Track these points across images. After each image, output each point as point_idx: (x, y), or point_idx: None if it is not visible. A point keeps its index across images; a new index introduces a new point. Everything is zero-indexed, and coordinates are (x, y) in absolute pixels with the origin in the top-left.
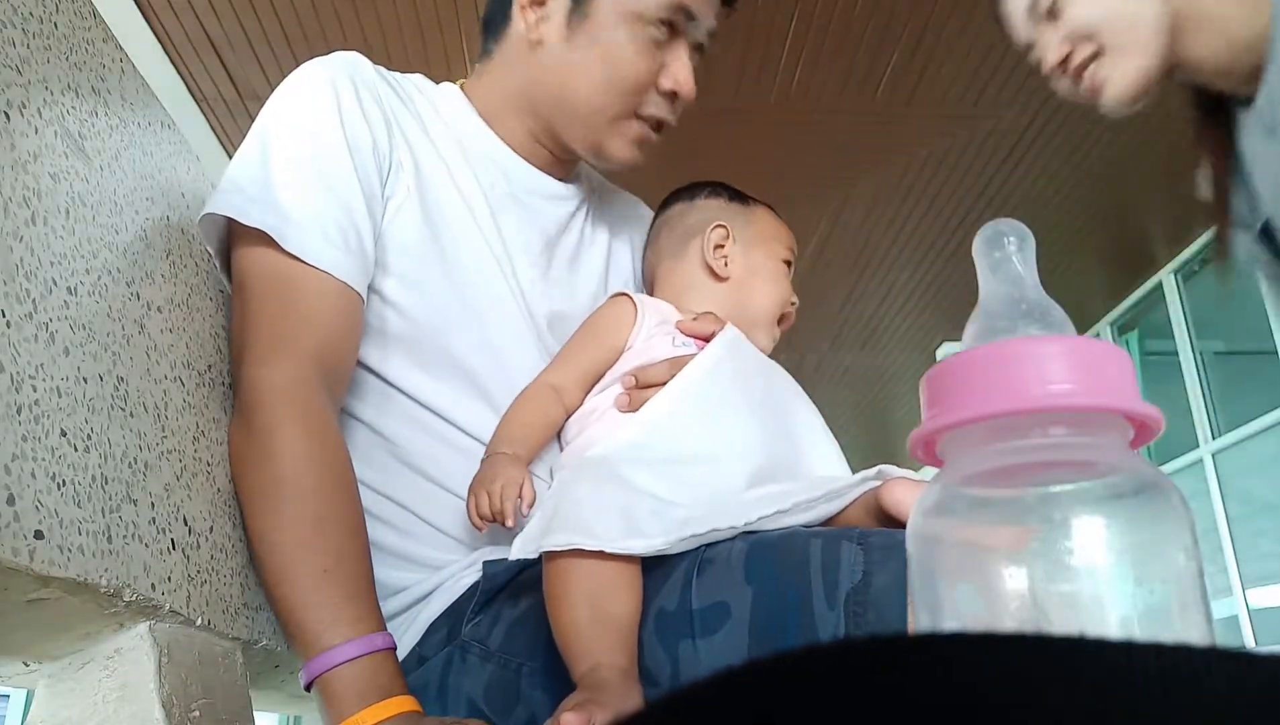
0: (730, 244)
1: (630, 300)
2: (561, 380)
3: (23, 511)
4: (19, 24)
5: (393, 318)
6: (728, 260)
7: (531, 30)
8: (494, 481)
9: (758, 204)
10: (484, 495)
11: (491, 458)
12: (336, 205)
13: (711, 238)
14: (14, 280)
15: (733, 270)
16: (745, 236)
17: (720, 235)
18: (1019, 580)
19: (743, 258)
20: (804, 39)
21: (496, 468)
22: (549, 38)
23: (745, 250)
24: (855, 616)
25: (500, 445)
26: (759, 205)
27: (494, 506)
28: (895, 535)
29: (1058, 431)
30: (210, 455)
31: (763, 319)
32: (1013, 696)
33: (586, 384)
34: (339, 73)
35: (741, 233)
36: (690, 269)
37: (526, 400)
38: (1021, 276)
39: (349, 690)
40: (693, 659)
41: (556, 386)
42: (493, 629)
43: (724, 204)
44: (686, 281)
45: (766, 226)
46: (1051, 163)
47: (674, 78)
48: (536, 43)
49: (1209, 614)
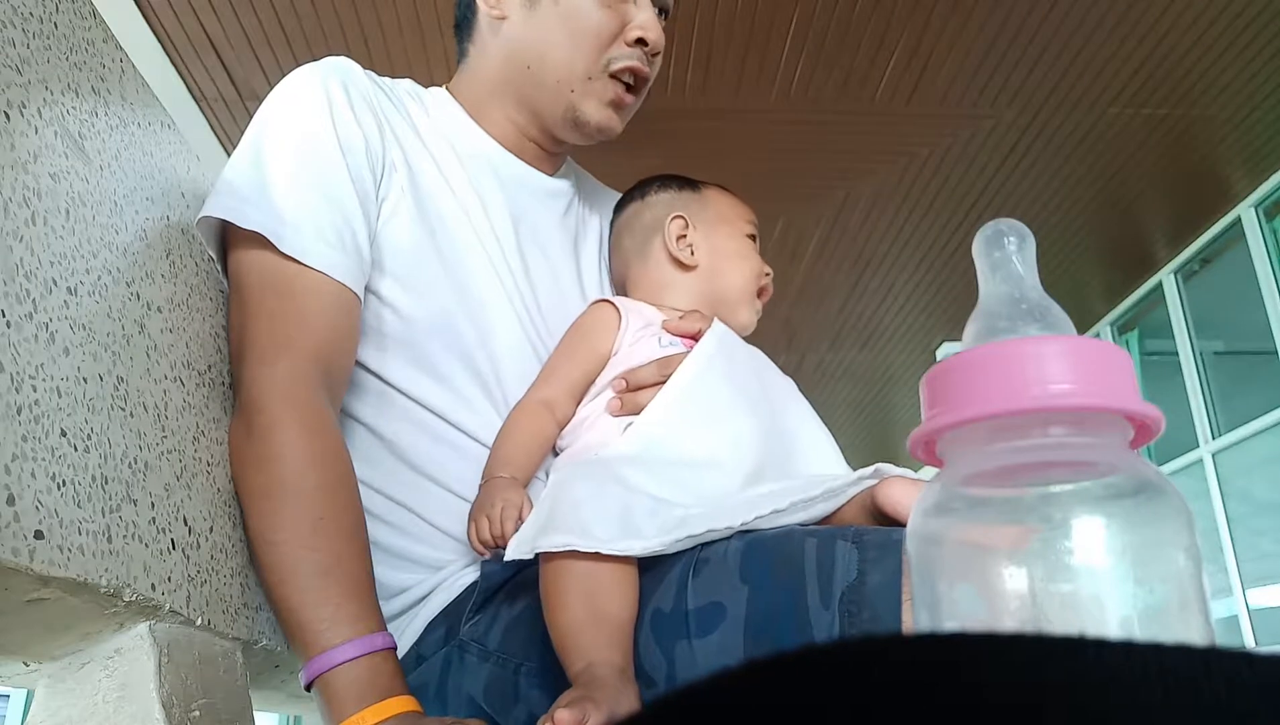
0: (691, 231)
1: (611, 305)
2: (551, 395)
3: (23, 511)
4: (19, 24)
5: (390, 318)
6: (692, 248)
7: (494, 7)
8: (494, 506)
9: (709, 186)
10: (484, 520)
11: (489, 482)
12: (331, 207)
13: (672, 230)
14: (14, 280)
15: (699, 257)
16: (704, 221)
17: (679, 226)
18: (1019, 580)
19: (706, 242)
20: (804, 39)
21: (495, 492)
22: (510, 10)
23: (707, 234)
24: (850, 616)
25: (497, 468)
26: (710, 187)
27: (494, 531)
28: (891, 534)
29: (1058, 431)
30: (210, 455)
31: (741, 297)
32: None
33: (577, 395)
34: (330, 76)
35: (699, 218)
36: (658, 266)
37: (519, 420)
38: (1021, 276)
39: (349, 690)
40: (689, 659)
41: (547, 402)
42: (491, 628)
43: (676, 194)
44: (658, 280)
45: (723, 206)
46: (1051, 163)
47: (640, 25)
48: (500, 19)
49: (1209, 614)
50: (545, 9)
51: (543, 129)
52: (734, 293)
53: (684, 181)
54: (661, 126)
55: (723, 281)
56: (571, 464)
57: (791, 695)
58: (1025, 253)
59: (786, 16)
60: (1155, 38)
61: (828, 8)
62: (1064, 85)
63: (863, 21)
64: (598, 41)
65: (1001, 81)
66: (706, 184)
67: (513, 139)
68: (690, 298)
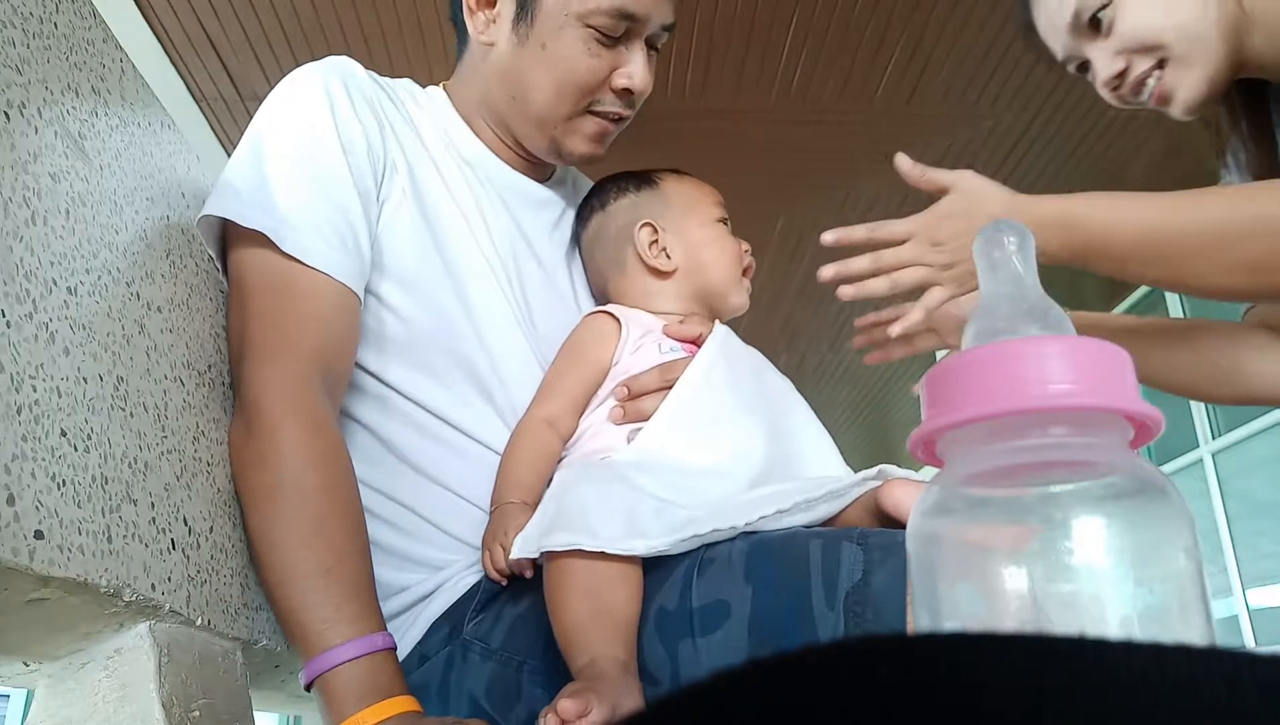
0: (662, 234)
1: (611, 316)
2: (553, 411)
3: (23, 511)
4: (19, 24)
5: (390, 320)
6: (667, 251)
7: (482, 32)
8: (506, 533)
9: (664, 177)
10: (498, 549)
11: (500, 509)
12: (332, 207)
13: (642, 239)
14: (14, 280)
15: (676, 259)
16: (671, 220)
17: (649, 233)
18: (1019, 580)
19: (678, 241)
20: (804, 39)
21: (507, 519)
22: (499, 40)
23: (677, 233)
24: (854, 616)
25: (507, 493)
26: (666, 178)
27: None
28: (895, 535)
29: (1058, 431)
30: (210, 455)
31: (726, 284)
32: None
33: (579, 409)
34: (332, 76)
35: (665, 218)
36: (638, 276)
37: (523, 440)
38: (1021, 276)
39: (349, 690)
40: (692, 658)
41: (550, 419)
42: (494, 627)
43: (635, 197)
44: (642, 289)
45: (684, 197)
46: (1052, 163)
47: (626, 74)
48: (488, 45)
49: (1209, 614)
50: (533, 49)
51: (522, 146)
52: (718, 283)
53: (639, 180)
54: (661, 126)
55: (705, 275)
56: (576, 466)
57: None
58: (1025, 253)
59: (786, 16)
60: None
61: (828, 8)
62: (1064, 85)
63: (863, 21)
64: (582, 90)
65: (1001, 81)
66: (661, 174)
67: (499, 148)
68: (678, 299)
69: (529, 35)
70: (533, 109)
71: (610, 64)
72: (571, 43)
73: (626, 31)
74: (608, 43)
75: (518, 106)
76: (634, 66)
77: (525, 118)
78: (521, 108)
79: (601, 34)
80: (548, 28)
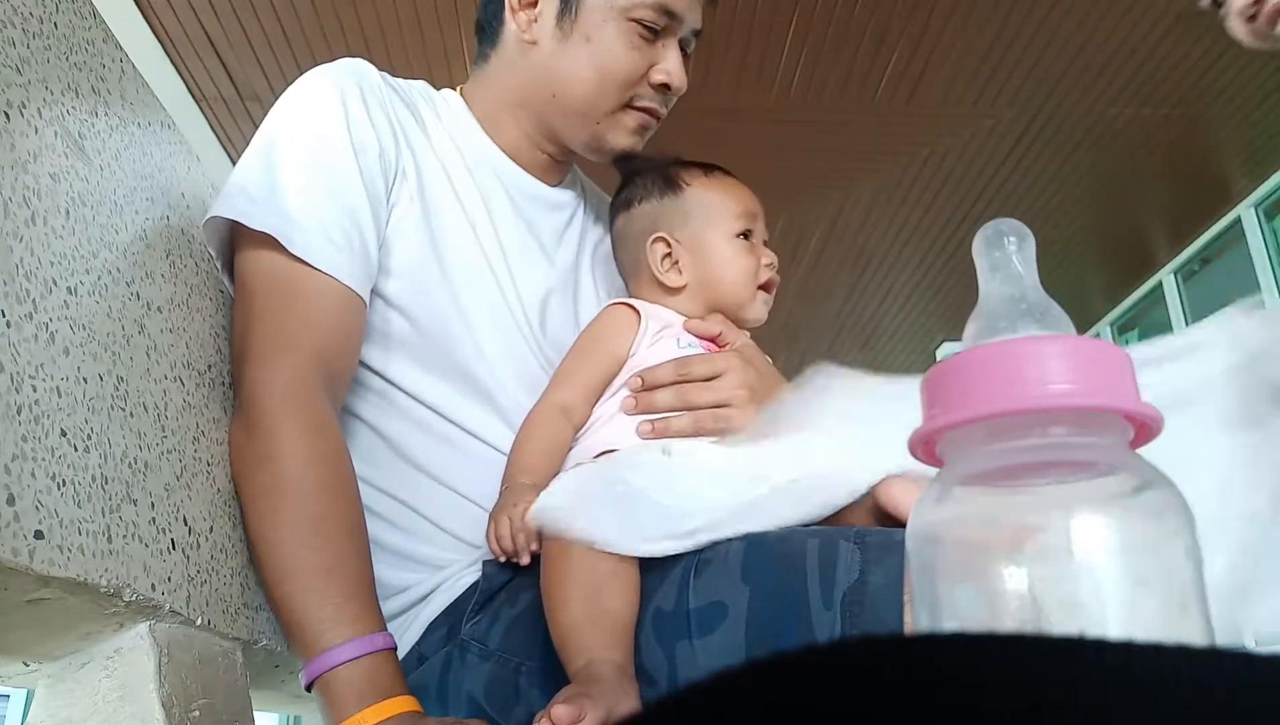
0: (675, 247)
1: (631, 308)
2: (568, 398)
3: (23, 511)
4: (19, 24)
5: (396, 320)
6: (680, 266)
7: (524, 31)
8: (515, 506)
9: (692, 180)
10: (504, 519)
11: (510, 487)
12: (341, 209)
13: (654, 254)
14: (14, 280)
15: (686, 276)
16: (687, 234)
17: (661, 249)
18: (1019, 580)
19: (692, 256)
20: (804, 39)
21: (516, 496)
22: (541, 38)
23: (692, 247)
24: (852, 616)
25: (517, 475)
26: (694, 184)
27: (515, 528)
28: (893, 535)
29: (1058, 431)
30: (210, 455)
31: (740, 301)
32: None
33: (593, 398)
34: (346, 79)
35: (682, 231)
36: (650, 287)
37: (536, 425)
38: (1021, 276)
39: (349, 690)
40: (690, 659)
41: (564, 406)
42: (492, 628)
43: (657, 204)
44: (656, 297)
45: (707, 207)
46: (1051, 163)
47: (664, 70)
48: (530, 43)
49: (1209, 614)
50: (577, 44)
51: (559, 145)
52: (734, 297)
53: (666, 182)
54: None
55: (715, 292)
56: (586, 461)
57: (792, 696)
58: (1025, 253)
59: (786, 16)
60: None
61: (828, 8)
62: (1064, 85)
63: (863, 21)
64: (625, 83)
65: (1001, 81)
66: (691, 176)
67: (522, 149)
68: (691, 308)
69: (572, 30)
70: (576, 103)
71: (649, 60)
72: (615, 36)
73: (664, 29)
74: (649, 37)
75: (559, 102)
76: (670, 64)
77: (568, 112)
78: (563, 103)
79: (644, 27)
80: (591, 21)
